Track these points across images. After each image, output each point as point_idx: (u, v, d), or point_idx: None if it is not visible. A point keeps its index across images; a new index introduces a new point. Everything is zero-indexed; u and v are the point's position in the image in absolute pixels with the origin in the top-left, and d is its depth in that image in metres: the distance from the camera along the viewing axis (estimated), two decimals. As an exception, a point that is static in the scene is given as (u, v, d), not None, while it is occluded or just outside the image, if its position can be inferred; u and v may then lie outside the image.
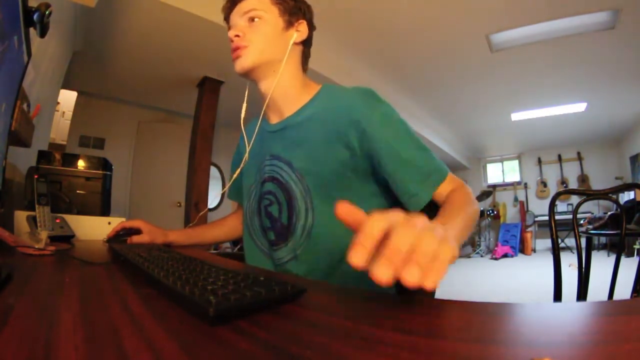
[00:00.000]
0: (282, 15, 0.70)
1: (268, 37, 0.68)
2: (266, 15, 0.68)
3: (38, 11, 0.60)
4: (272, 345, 0.23)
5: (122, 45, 3.06)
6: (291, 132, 0.71)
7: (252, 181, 0.79)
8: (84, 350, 0.21)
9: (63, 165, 1.24)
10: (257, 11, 0.68)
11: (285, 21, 0.70)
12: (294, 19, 0.71)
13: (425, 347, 0.22)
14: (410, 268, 0.22)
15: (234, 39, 0.69)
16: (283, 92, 0.72)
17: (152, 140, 4.47)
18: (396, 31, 3.22)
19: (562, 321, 0.28)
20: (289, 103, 0.72)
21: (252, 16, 0.68)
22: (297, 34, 0.71)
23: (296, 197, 0.67)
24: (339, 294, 0.42)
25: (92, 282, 0.44)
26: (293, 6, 0.71)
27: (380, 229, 0.24)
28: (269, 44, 0.68)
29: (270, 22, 0.68)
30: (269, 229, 0.72)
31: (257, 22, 0.68)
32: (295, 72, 0.73)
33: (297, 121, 0.71)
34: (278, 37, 0.69)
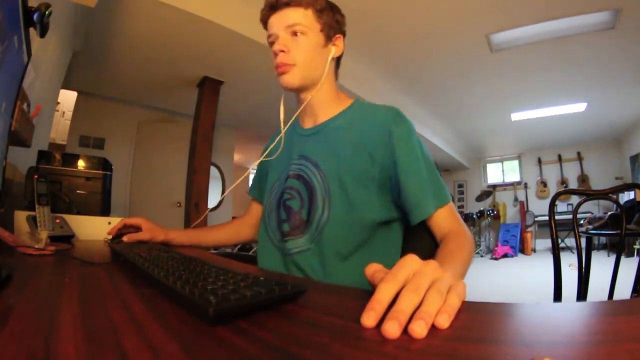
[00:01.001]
0: (322, 30, 0.72)
1: (312, 56, 0.71)
2: (309, 32, 0.71)
3: (38, 11, 0.60)
4: (272, 345, 0.23)
5: (122, 45, 3.06)
6: (322, 137, 0.75)
7: (275, 179, 0.82)
8: (84, 350, 0.21)
9: (63, 165, 1.24)
10: (301, 26, 0.70)
11: (325, 37, 0.73)
12: (332, 33, 0.74)
13: (426, 347, 0.22)
14: (415, 324, 0.24)
15: (278, 54, 0.70)
16: (320, 101, 0.77)
17: (152, 140, 4.47)
18: (396, 31, 3.22)
19: (562, 321, 0.28)
20: (323, 111, 0.77)
21: (296, 31, 0.70)
22: (334, 49, 0.75)
23: (317, 194, 0.71)
24: (339, 294, 0.42)
25: (92, 282, 0.44)
26: (332, 20, 0.73)
27: (390, 295, 0.28)
28: (312, 62, 0.72)
29: (313, 39, 0.71)
30: (284, 221, 0.75)
31: (301, 37, 0.70)
32: (331, 84, 0.77)
33: (329, 127, 0.76)
34: (319, 54, 0.72)
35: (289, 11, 0.70)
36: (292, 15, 0.70)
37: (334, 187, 0.70)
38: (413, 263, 0.32)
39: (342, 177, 0.69)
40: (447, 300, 0.28)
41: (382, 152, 0.67)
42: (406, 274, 0.31)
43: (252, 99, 4.16)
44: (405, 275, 0.30)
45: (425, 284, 0.29)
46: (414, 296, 0.28)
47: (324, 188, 0.70)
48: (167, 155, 4.45)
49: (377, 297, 0.28)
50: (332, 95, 0.77)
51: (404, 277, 0.30)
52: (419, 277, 0.30)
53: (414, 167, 0.66)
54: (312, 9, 0.71)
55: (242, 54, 3.10)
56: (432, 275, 0.31)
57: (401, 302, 0.27)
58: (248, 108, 4.49)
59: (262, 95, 4.08)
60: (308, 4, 0.71)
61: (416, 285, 0.29)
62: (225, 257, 0.83)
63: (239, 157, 7.31)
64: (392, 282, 0.29)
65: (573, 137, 6.51)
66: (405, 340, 0.24)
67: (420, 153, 0.68)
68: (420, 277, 0.30)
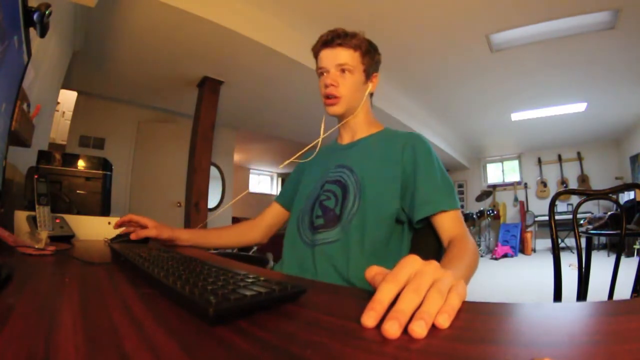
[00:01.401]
0: (365, 70, 0.86)
1: (354, 91, 0.85)
2: (355, 71, 0.84)
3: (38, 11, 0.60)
4: (272, 345, 0.23)
5: (122, 45, 3.05)
6: (359, 149, 0.88)
7: (311, 187, 0.90)
8: (84, 350, 0.21)
9: (63, 165, 1.24)
10: (349, 66, 0.83)
11: (365, 75, 0.86)
12: (372, 72, 0.88)
13: (425, 347, 0.22)
14: (415, 324, 0.25)
15: (329, 86, 0.83)
16: (355, 126, 0.91)
17: (152, 140, 4.47)
18: (396, 31, 3.22)
19: (562, 321, 0.28)
20: (359, 131, 0.91)
21: (345, 69, 0.83)
22: (371, 85, 0.89)
23: (350, 191, 0.81)
24: (339, 294, 0.42)
25: (92, 282, 0.44)
26: (373, 62, 0.88)
27: (391, 296, 0.29)
28: (354, 96, 0.85)
29: (357, 77, 0.85)
30: (319, 217, 0.83)
31: (348, 75, 0.83)
32: (367, 111, 0.92)
33: (365, 142, 0.88)
34: (360, 89, 0.86)
35: (340, 50, 0.83)
36: (343, 54, 0.83)
37: (364, 183, 0.80)
38: (414, 263, 0.32)
39: (373, 175, 0.80)
40: (447, 300, 0.29)
41: (406, 159, 0.79)
42: (407, 274, 0.31)
43: (252, 99, 4.16)
44: (406, 276, 0.31)
45: (426, 284, 0.30)
46: (415, 296, 0.28)
47: (356, 185, 0.81)
48: (167, 155, 4.45)
49: (377, 298, 0.28)
50: (367, 120, 0.91)
51: (405, 277, 0.31)
52: (420, 277, 0.30)
53: (430, 173, 0.76)
54: (360, 51, 0.84)
55: (242, 54, 3.10)
56: (433, 275, 0.31)
57: (401, 303, 0.27)
58: (248, 108, 4.49)
59: (262, 95, 4.08)
60: (356, 46, 0.83)
61: (417, 285, 0.29)
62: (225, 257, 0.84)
63: (239, 157, 7.31)
64: (392, 283, 0.29)
65: (573, 137, 6.51)
66: (405, 340, 0.24)
67: (438, 165, 0.78)
68: (421, 277, 0.30)
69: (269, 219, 1.03)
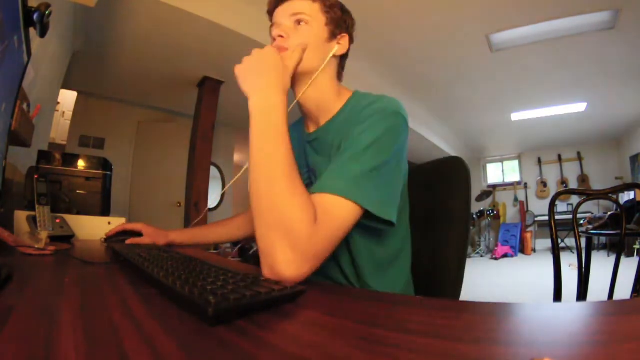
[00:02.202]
0: (327, 24, 0.70)
1: (310, 45, 0.68)
2: (313, 22, 0.69)
3: (38, 11, 0.60)
4: (272, 345, 0.23)
5: (122, 45, 3.06)
6: (320, 143, 0.72)
7: None
8: (84, 350, 0.21)
9: (63, 165, 1.24)
10: (305, 15, 0.68)
11: (329, 32, 0.70)
12: (338, 31, 0.72)
13: (425, 347, 0.22)
14: None
15: (277, 38, 0.69)
16: (317, 102, 0.72)
17: (152, 140, 4.47)
18: (396, 31, 3.22)
19: (562, 321, 0.28)
20: (323, 113, 0.73)
21: (300, 19, 0.69)
22: (337, 47, 0.72)
23: None
24: (339, 294, 0.42)
25: (92, 282, 0.44)
26: (340, 18, 0.71)
27: None
28: (310, 52, 0.68)
29: (315, 29, 0.69)
30: None
31: (303, 26, 0.69)
32: (330, 83, 0.73)
33: (327, 131, 0.71)
34: (319, 46, 0.69)
35: (296, 2, 0.69)
36: (299, 4, 0.69)
37: None
38: None
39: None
40: None
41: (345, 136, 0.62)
42: None
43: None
44: None
45: None
46: None
47: None
48: (167, 155, 4.45)
49: None
50: (330, 96, 0.72)
51: None
52: None
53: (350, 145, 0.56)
54: (320, 2, 0.70)
55: (242, 54, 3.05)
56: None
57: None
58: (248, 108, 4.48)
59: (262, 95, 4.07)
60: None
61: None
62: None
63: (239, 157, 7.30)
64: None
65: (573, 137, 6.51)
66: (405, 340, 0.24)
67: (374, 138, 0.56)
68: None
69: None
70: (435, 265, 0.75)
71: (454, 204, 0.77)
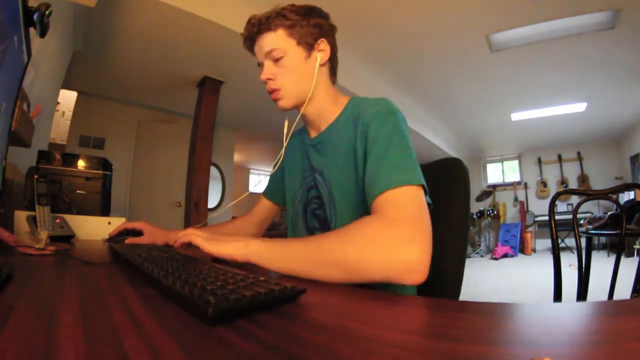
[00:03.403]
0: (299, 44, 0.71)
1: (297, 74, 0.71)
2: (287, 51, 0.70)
3: (38, 11, 0.60)
4: (272, 345, 0.23)
5: (122, 45, 3.05)
6: (324, 146, 0.76)
7: (297, 187, 0.83)
8: (84, 350, 0.21)
9: (63, 165, 1.24)
10: (277, 50, 0.70)
11: (305, 49, 0.71)
12: (312, 41, 0.72)
13: (426, 347, 0.22)
14: None
15: (266, 82, 0.73)
16: (318, 111, 0.76)
17: (152, 140, 4.47)
18: (396, 31, 3.22)
19: (562, 321, 0.28)
20: (324, 119, 0.77)
21: (275, 56, 0.71)
22: (320, 55, 0.73)
23: (325, 202, 0.73)
24: (339, 294, 0.42)
25: (92, 282, 0.44)
26: (307, 29, 0.71)
27: None
28: (300, 80, 0.71)
29: (292, 57, 0.70)
30: (316, 229, 0.77)
31: (281, 61, 0.70)
32: (327, 90, 0.76)
33: (328, 135, 0.75)
34: (304, 68, 0.72)
35: (262, 39, 0.71)
36: (266, 41, 0.71)
37: (337, 195, 0.71)
38: None
39: (343, 182, 0.70)
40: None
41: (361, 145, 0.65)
42: None
43: (252, 99, 4.16)
44: None
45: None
46: None
47: (329, 196, 0.73)
48: (167, 155, 4.45)
49: None
50: (328, 102, 0.76)
51: None
52: None
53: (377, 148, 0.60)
54: (281, 28, 0.70)
55: (242, 54, 3.06)
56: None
57: None
58: (248, 108, 4.49)
59: (262, 95, 4.05)
60: (276, 25, 0.70)
61: None
62: None
63: (239, 157, 7.31)
64: None
65: (573, 137, 6.51)
66: (405, 340, 0.24)
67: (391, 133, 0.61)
68: None
69: (260, 214, 1.00)
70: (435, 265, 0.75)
71: (453, 205, 0.78)
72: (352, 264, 0.46)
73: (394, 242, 0.45)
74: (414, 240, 0.45)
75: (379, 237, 0.46)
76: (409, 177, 0.53)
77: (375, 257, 0.45)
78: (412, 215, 0.49)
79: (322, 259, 0.47)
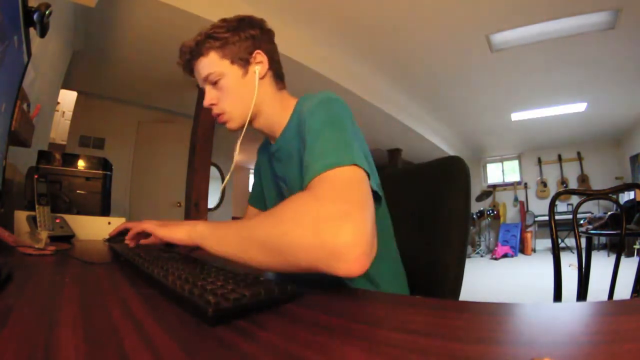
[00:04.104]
0: (234, 62, 0.69)
1: (236, 95, 0.69)
2: (223, 74, 0.68)
3: (38, 11, 0.60)
4: (272, 345, 0.23)
5: (122, 45, 3.06)
6: (281, 153, 0.73)
7: (273, 195, 0.82)
8: (84, 350, 0.21)
9: (63, 165, 1.24)
10: (213, 74, 0.68)
11: (241, 66, 0.69)
12: (247, 55, 0.70)
13: (425, 347, 0.22)
14: None
15: (210, 107, 0.71)
16: (268, 122, 0.74)
17: (152, 140, 4.47)
18: (396, 31, 3.22)
19: (562, 321, 0.28)
20: (276, 127, 0.74)
21: (212, 80, 0.69)
22: (258, 67, 0.71)
23: None
24: (339, 294, 0.42)
25: (92, 282, 0.44)
26: (240, 46, 0.69)
27: None
28: (241, 100, 0.69)
29: (229, 78, 0.69)
30: None
31: (219, 83, 0.69)
32: (272, 99, 0.73)
33: (283, 141, 0.72)
34: (244, 86, 0.69)
35: (197, 65, 0.70)
36: (201, 67, 0.70)
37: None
38: None
39: (297, 182, 0.66)
40: None
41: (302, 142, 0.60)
42: None
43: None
44: None
45: None
46: None
47: None
48: (167, 155, 4.45)
49: None
50: (277, 109, 0.73)
51: None
52: None
53: (309, 139, 0.54)
54: (212, 51, 0.68)
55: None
56: None
57: None
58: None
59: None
60: (207, 49, 0.68)
61: None
62: None
63: (239, 157, 7.31)
64: None
65: (573, 137, 6.51)
66: (405, 340, 0.24)
67: (324, 120, 0.55)
68: None
69: None
70: (435, 265, 0.75)
71: (453, 204, 0.77)
72: (273, 243, 0.40)
73: (318, 219, 0.38)
74: (347, 217, 0.37)
75: (303, 211, 0.40)
76: (340, 159, 0.46)
77: (297, 234, 0.38)
78: (347, 192, 0.42)
79: (248, 239, 0.43)
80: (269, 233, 0.41)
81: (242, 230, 0.45)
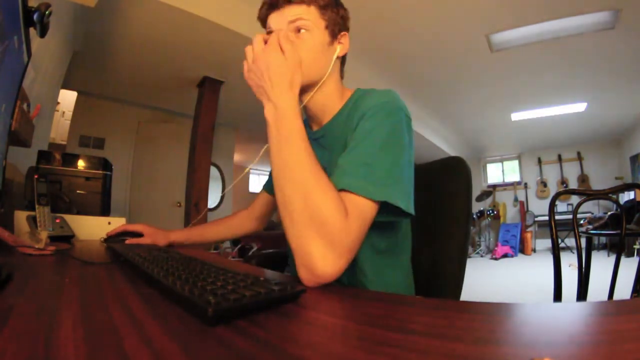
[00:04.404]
0: (327, 27, 0.67)
1: (315, 54, 0.65)
2: (314, 29, 0.65)
3: (38, 11, 0.60)
4: (272, 345, 0.23)
5: (122, 45, 3.05)
6: (325, 140, 0.72)
7: None
8: (84, 350, 0.21)
9: (63, 165, 1.24)
10: (305, 21, 0.64)
11: (330, 35, 0.67)
12: (338, 31, 0.69)
13: (425, 347, 0.22)
14: None
15: None
16: (322, 105, 0.71)
17: (152, 140, 4.47)
18: (396, 31, 3.22)
19: (562, 321, 0.28)
20: (327, 112, 0.72)
21: (299, 26, 0.64)
22: (340, 48, 0.69)
23: None
24: (339, 294, 0.42)
25: (92, 282, 0.44)
26: (337, 17, 0.68)
27: None
28: (316, 61, 0.65)
29: (317, 36, 0.65)
30: None
31: (304, 34, 0.64)
32: (335, 85, 0.72)
33: (330, 129, 0.71)
34: (324, 53, 0.67)
35: (291, 8, 0.65)
36: (295, 10, 0.64)
37: None
38: None
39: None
40: None
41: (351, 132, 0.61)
42: None
43: (252, 99, 4.09)
44: None
45: None
46: None
47: None
48: (167, 155, 4.45)
49: None
50: (334, 97, 0.71)
51: None
52: None
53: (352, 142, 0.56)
54: (315, 5, 0.65)
55: (242, 54, 3.08)
56: None
57: None
58: (248, 108, 4.48)
59: (262, 95, 4.07)
60: (310, 1, 0.65)
61: None
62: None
63: (239, 157, 7.31)
64: None
65: (573, 137, 6.51)
66: (405, 340, 0.24)
67: (373, 128, 0.56)
68: None
69: (260, 209, 0.98)
70: (436, 265, 0.75)
71: (454, 204, 0.77)
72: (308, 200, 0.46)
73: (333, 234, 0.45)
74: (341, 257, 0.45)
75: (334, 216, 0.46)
76: (374, 193, 0.50)
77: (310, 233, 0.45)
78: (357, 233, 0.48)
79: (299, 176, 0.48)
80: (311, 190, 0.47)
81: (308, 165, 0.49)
